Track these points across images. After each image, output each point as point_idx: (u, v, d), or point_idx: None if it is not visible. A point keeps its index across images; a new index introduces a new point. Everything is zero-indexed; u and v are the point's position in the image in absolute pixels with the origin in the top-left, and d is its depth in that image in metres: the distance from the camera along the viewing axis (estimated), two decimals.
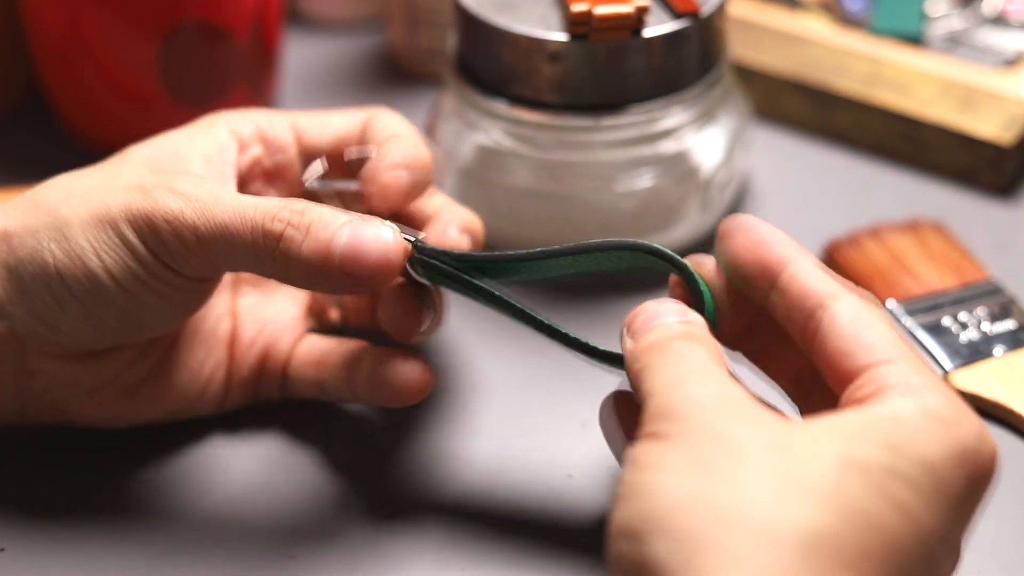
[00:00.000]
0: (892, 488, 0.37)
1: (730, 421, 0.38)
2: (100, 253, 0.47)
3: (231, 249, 0.47)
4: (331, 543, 0.49)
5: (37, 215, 0.48)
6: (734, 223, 0.45)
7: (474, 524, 0.50)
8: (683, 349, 0.41)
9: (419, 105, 0.72)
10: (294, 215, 0.47)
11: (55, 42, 0.66)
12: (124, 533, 0.49)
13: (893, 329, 0.41)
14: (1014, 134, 0.65)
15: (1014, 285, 0.59)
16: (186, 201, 0.47)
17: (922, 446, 0.38)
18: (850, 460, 0.37)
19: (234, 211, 0.47)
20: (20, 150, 0.70)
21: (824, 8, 0.74)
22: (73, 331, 0.48)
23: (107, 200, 0.48)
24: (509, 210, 0.61)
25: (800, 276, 0.43)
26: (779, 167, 0.68)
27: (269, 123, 0.53)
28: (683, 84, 0.59)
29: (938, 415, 0.38)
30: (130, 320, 0.48)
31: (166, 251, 0.47)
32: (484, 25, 0.58)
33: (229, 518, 0.50)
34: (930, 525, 0.37)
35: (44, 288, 0.47)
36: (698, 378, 0.40)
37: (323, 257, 0.46)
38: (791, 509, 0.36)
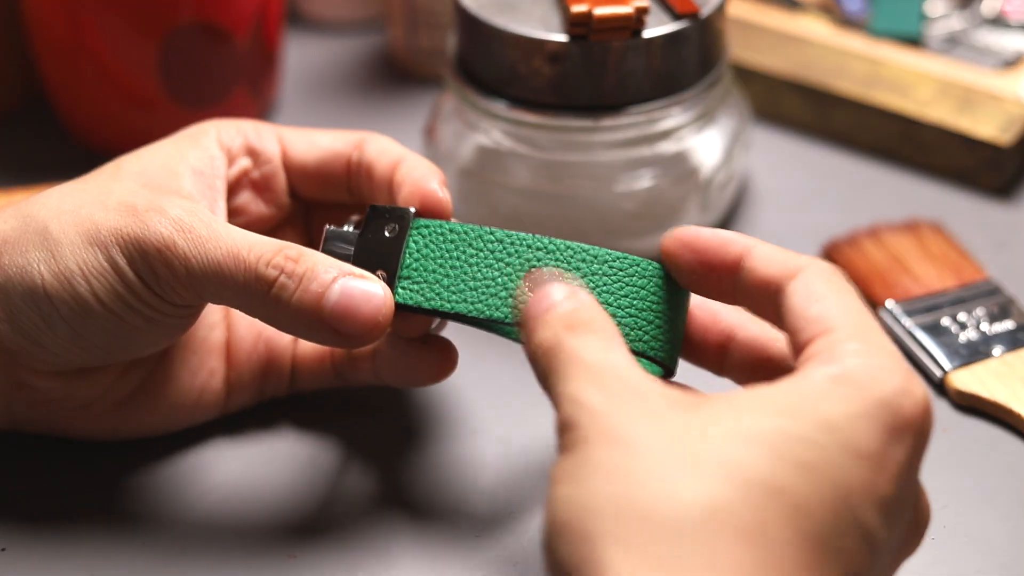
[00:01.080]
0: (790, 451, 0.37)
1: (622, 418, 0.38)
2: (89, 277, 0.46)
3: (221, 287, 0.47)
4: (331, 543, 0.49)
5: (26, 232, 0.47)
6: (672, 240, 0.45)
7: (474, 524, 0.50)
8: (574, 346, 0.40)
9: (419, 105, 0.72)
10: (288, 262, 0.46)
11: (55, 42, 0.66)
12: (124, 533, 0.49)
13: (845, 297, 0.41)
14: (1013, 135, 0.66)
15: (1013, 285, 0.60)
16: (178, 231, 0.46)
17: (823, 408, 0.38)
18: (744, 431, 0.37)
19: (228, 250, 0.46)
20: (20, 150, 0.70)
21: (823, 9, 0.74)
22: (60, 350, 0.48)
23: (97, 220, 0.47)
24: (509, 210, 0.61)
25: (756, 267, 0.43)
26: (778, 167, 0.68)
27: (257, 135, 0.53)
28: (683, 85, 0.59)
29: (848, 377, 0.38)
30: (118, 342, 0.48)
31: (155, 279, 0.47)
32: (484, 26, 0.58)
33: (229, 518, 0.50)
34: (840, 482, 0.37)
35: (32, 307, 0.47)
36: (589, 379, 0.39)
37: (314, 310, 0.46)
38: (683, 490, 0.36)
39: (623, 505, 0.36)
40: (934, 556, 0.48)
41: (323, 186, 0.53)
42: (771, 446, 0.37)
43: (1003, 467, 0.52)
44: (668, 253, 0.45)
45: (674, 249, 0.45)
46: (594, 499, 0.36)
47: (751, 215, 0.65)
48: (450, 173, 0.62)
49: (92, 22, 0.64)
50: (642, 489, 0.36)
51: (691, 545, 0.35)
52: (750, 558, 0.35)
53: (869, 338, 0.40)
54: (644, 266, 0.46)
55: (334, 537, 0.49)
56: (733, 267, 0.44)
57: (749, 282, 0.43)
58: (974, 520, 0.50)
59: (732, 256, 0.44)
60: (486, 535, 0.49)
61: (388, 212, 0.49)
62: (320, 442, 0.53)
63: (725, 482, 0.36)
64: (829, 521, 0.36)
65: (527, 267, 0.47)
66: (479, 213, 0.62)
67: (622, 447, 0.37)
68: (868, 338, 0.40)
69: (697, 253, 0.45)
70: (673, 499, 0.36)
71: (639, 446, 0.37)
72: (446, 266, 0.48)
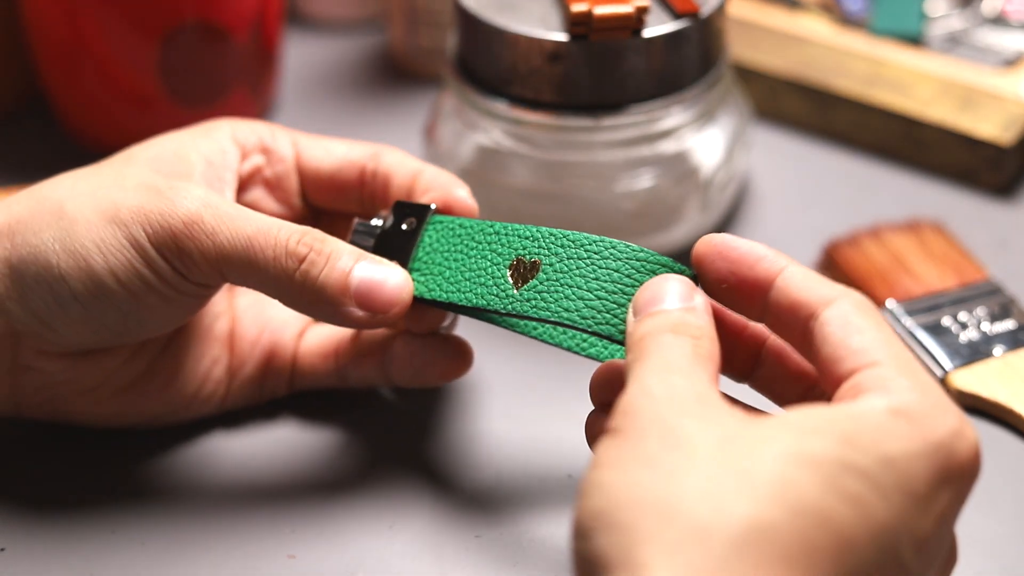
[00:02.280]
0: (845, 482, 0.36)
1: (680, 415, 0.38)
2: (106, 255, 0.47)
3: (249, 264, 0.47)
4: (331, 543, 0.49)
5: (41, 212, 0.48)
6: (707, 247, 0.44)
7: (474, 524, 0.50)
8: (668, 343, 0.41)
9: (419, 105, 0.72)
10: (316, 242, 0.48)
11: (55, 42, 0.66)
12: (124, 533, 0.49)
13: (884, 331, 0.41)
14: (1014, 134, 0.66)
15: (1014, 285, 0.60)
16: (206, 206, 0.47)
17: (882, 442, 0.37)
18: (800, 454, 0.37)
19: (258, 227, 0.47)
20: (20, 150, 0.70)
21: (824, 8, 0.74)
22: (71, 331, 0.48)
23: (116, 200, 0.47)
24: (509, 210, 0.61)
25: (789, 289, 0.43)
26: (779, 167, 0.68)
27: (272, 136, 0.53)
28: (683, 84, 0.59)
29: (907, 412, 0.38)
30: (129, 322, 0.48)
31: (179, 255, 0.47)
32: (484, 25, 0.58)
33: (229, 518, 0.50)
34: (889, 519, 0.37)
35: (45, 287, 0.47)
36: (666, 373, 0.39)
37: (340, 287, 0.48)
38: (731, 502, 0.35)
39: (669, 506, 0.35)
40: None
41: (335, 194, 0.54)
42: (827, 473, 0.36)
43: (1004, 467, 0.52)
44: (701, 258, 0.45)
45: (708, 255, 0.44)
46: (637, 491, 0.36)
47: (751, 215, 0.65)
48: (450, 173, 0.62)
49: (92, 22, 0.64)
50: (690, 494, 0.36)
51: (734, 559, 0.35)
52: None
53: (917, 375, 0.40)
54: (620, 248, 0.46)
55: (334, 537, 0.49)
56: (765, 284, 0.43)
57: (779, 302, 0.43)
58: (974, 520, 0.50)
59: (766, 273, 0.43)
60: (486, 535, 0.49)
61: (410, 208, 0.51)
62: (320, 443, 0.53)
63: (776, 502, 0.36)
64: (872, 557, 0.36)
65: (513, 255, 0.48)
66: (479, 213, 0.62)
67: (676, 445, 0.37)
68: (916, 375, 0.40)
69: (731, 263, 0.44)
70: (722, 511, 0.35)
71: (694, 449, 0.37)
72: (450, 259, 0.49)
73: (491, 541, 0.49)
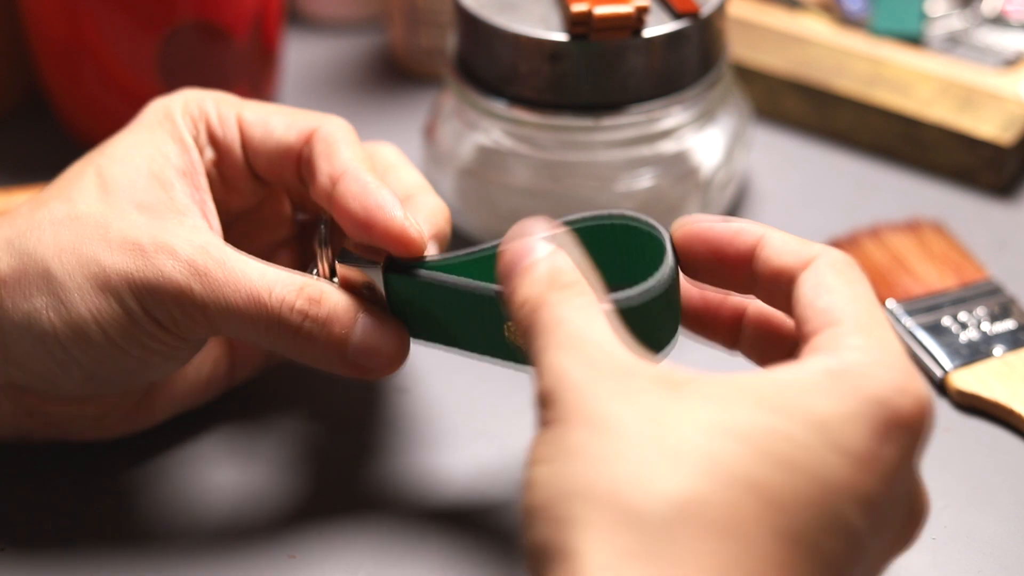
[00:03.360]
0: (774, 448, 0.36)
1: (602, 397, 0.37)
2: (103, 325, 0.46)
3: (240, 329, 0.47)
4: (331, 543, 0.49)
5: (27, 274, 0.46)
6: (683, 232, 0.44)
7: (474, 524, 0.50)
8: (557, 311, 0.40)
9: (419, 105, 0.72)
10: (312, 305, 0.46)
11: (55, 42, 0.66)
12: (124, 534, 0.49)
13: (855, 289, 0.41)
14: (1014, 134, 0.65)
15: (1014, 285, 0.60)
16: (193, 275, 0.46)
17: (812, 405, 0.37)
18: (725, 425, 0.36)
19: (247, 294, 0.46)
20: (20, 150, 0.70)
21: (824, 8, 0.74)
22: (74, 387, 0.47)
23: (103, 263, 0.46)
24: (509, 210, 0.61)
25: (770, 257, 0.42)
26: (779, 167, 0.68)
27: (219, 119, 0.51)
28: (683, 84, 0.59)
29: (844, 372, 0.38)
30: (134, 375, 0.48)
31: (172, 322, 0.46)
32: (484, 25, 0.58)
33: (229, 518, 0.50)
34: (824, 481, 0.36)
35: (44, 353, 0.46)
36: (572, 349, 0.39)
37: (338, 352, 0.47)
38: (660, 481, 0.35)
39: (599, 491, 0.36)
40: (934, 556, 0.48)
41: (278, 175, 0.51)
42: (754, 442, 0.36)
43: (1004, 467, 0.52)
44: (679, 245, 0.44)
45: (685, 241, 0.44)
46: (570, 482, 0.36)
47: (751, 215, 0.65)
48: (450, 173, 0.62)
49: (92, 21, 0.64)
50: (619, 476, 0.36)
51: (666, 537, 0.35)
52: (725, 553, 0.35)
53: (873, 332, 0.39)
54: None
55: (334, 537, 0.49)
56: (747, 257, 0.43)
57: (763, 272, 0.43)
58: (974, 520, 0.50)
59: (746, 246, 0.43)
60: (486, 536, 0.49)
61: (357, 260, 0.48)
62: (320, 443, 0.53)
63: (704, 475, 0.36)
64: (810, 519, 0.36)
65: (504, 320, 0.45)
66: (479, 213, 0.62)
67: (602, 430, 0.37)
68: (872, 333, 0.39)
69: (709, 244, 0.44)
70: (650, 489, 0.35)
71: (619, 431, 0.37)
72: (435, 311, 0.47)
73: (491, 541, 0.49)
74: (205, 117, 0.51)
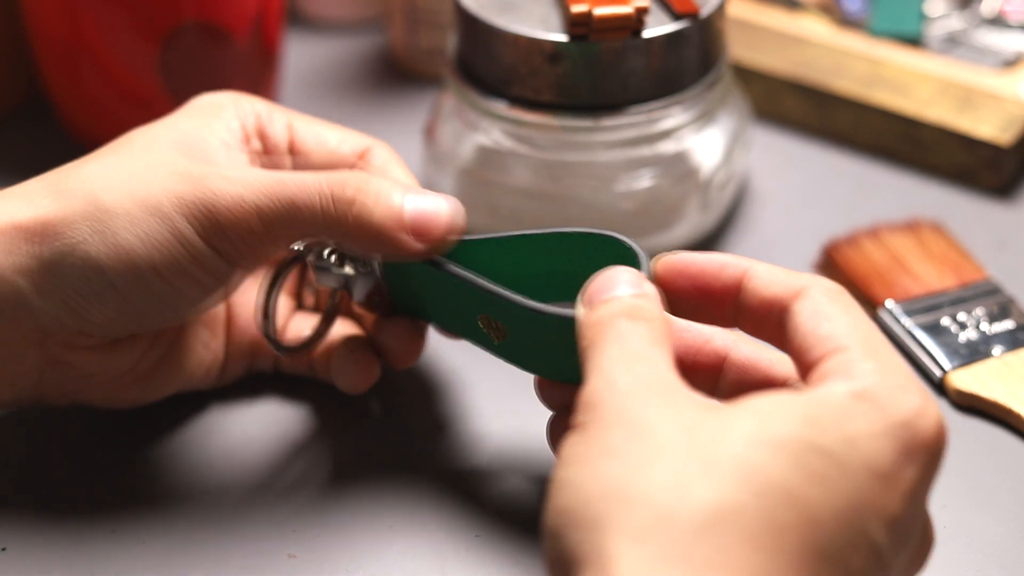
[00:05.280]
0: (809, 461, 0.36)
1: (644, 405, 0.38)
2: (150, 249, 0.47)
3: (299, 221, 0.47)
4: (331, 543, 0.49)
5: (72, 204, 0.47)
6: (665, 268, 0.45)
7: (474, 524, 0.50)
8: (624, 329, 0.40)
9: (419, 105, 0.72)
10: (361, 182, 0.48)
11: (56, 42, 0.66)
12: (124, 533, 0.49)
13: (853, 316, 0.41)
14: (1013, 134, 0.66)
15: (1013, 285, 0.60)
16: (244, 185, 0.47)
17: (844, 423, 0.38)
18: (763, 436, 0.37)
19: (297, 184, 0.47)
20: (20, 150, 0.70)
21: (823, 9, 0.74)
22: (105, 321, 0.48)
23: (152, 189, 0.47)
24: (509, 210, 0.61)
25: (758, 288, 0.43)
26: (778, 167, 0.68)
27: (269, 118, 0.53)
28: (683, 85, 0.59)
29: (868, 394, 0.38)
30: (164, 309, 0.48)
31: (224, 239, 0.47)
32: (484, 25, 0.58)
33: (229, 517, 0.50)
34: (854, 497, 0.37)
35: (82, 280, 0.47)
36: (626, 363, 0.39)
37: (396, 223, 0.48)
38: (695, 487, 0.36)
39: (635, 496, 0.36)
40: (934, 556, 0.48)
41: None
42: (792, 454, 0.36)
43: (1003, 467, 0.52)
44: (661, 281, 0.45)
45: (668, 278, 0.45)
46: (602, 483, 0.36)
47: (751, 215, 0.65)
48: (450, 173, 0.62)
49: (92, 22, 0.64)
50: (656, 483, 0.36)
51: (700, 543, 0.35)
52: (758, 563, 0.35)
53: (882, 358, 0.40)
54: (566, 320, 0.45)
55: (334, 537, 0.49)
56: (733, 290, 0.43)
57: (751, 304, 0.43)
58: (974, 520, 0.50)
59: (732, 279, 0.44)
60: (486, 535, 0.49)
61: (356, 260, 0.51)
62: (320, 443, 0.53)
63: (740, 484, 0.36)
64: (840, 535, 0.36)
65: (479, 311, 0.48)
66: (479, 213, 0.62)
67: (639, 434, 0.37)
68: (881, 358, 0.40)
69: (693, 280, 0.44)
70: (686, 495, 0.35)
71: (657, 435, 0.37)
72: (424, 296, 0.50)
73: (491, 541, 0.49)
74: (256, 113, 0.53)
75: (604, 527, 0.35)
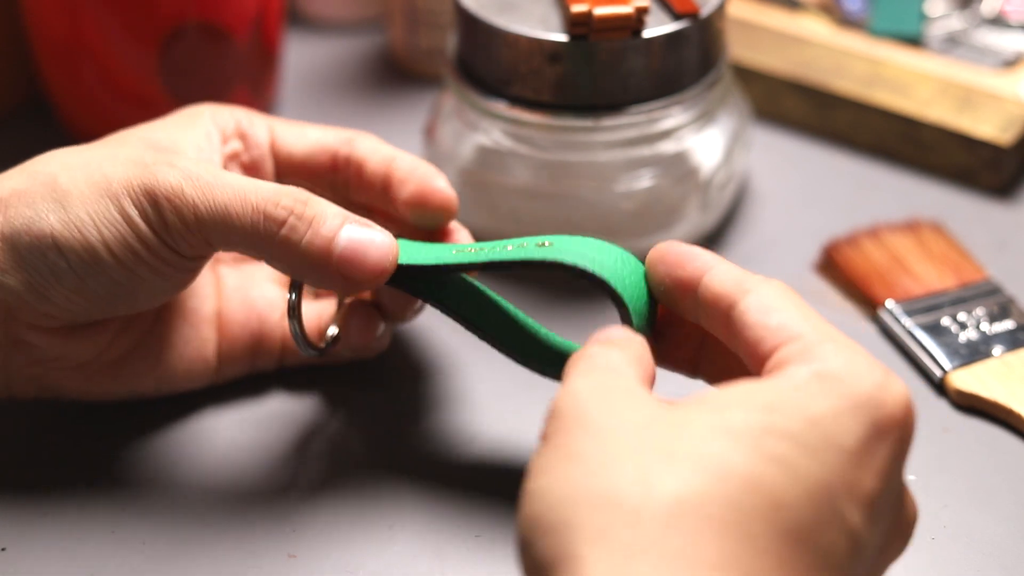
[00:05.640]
0: (770, 445, 0.37)
1: (603, 409, 0.38)
2: (100, 227, 0.47)
3: (229, 230, 0.47)
4: (331, 543, 0.49)
5: (33, 183, 0.48)
6: (653, 251, 0.46)
7: (474, 524, 0.50)
8: (595, 351, 0.42)
9: (419, 105, 0.72)
10: (297, 204, 0.47)
11: (56, 42, 0.66)
12: (124, 534, 0.49)
13: (803, 309, 0.41)
14: (1013, 134, 0.66)
15: (1013, 285, 0.60)
16: (186, 178, 0.47)
17: (805, 403, 0.38)
18: (723, 425, 0.37)
19: (235, 192, 0.47)
20: (20, 150, 0.70)
21: (823, 9, 0.74)
22: (65, 302, 0.48)
23: (107, 173, 0.48)
24: (509, 210, 0.61)
25: (712, 283, 0.43)
26: (778, 167, 0.68)
27: (249, 121, 0.54)
28: (683, 84, 0.59)
29: (828, 374, 0.39)
30: (123, 293, 0.48)
31: (165, 228, 0.47)
32: (484, 25, 0.58)
33: (230, 517, 0.50)
34: (821, 477, 0.37)
35: (40, 258, 0.47)
36: (589, 374, 0.40)
37: (323, 254, 0.47)
38: (658, 480, 0.36)
39: (599, 496, 0.36)
40: (934, 556, 0.48)
41: (308, 178, 0.54)
42: (752, 440, 0.37)
43: (1003, 467, 0.52)
44: (647, 264, 0.46)
45: (651, 260, 0.46)
46: (567, 488, 0.36)
47: (751, 215, 0.65)
48: (450, 173, 0.62)
49: (92, 22, 0.64)
50: (615, 478, 0.36)
51: (666, 533, 0.35)
52: (726, 550, 0.35)
53: (840, 342, 0.40)
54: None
55: (334, 537, 0.49)
56: (694, 283, 0.44)
57: (705, 297, 0.44)
58: (974, 520, 0.50)
59: (694, 272, 0.44)
60: (486, 535, 0.49)
61: None
62: (320, 443, 0.53)
63: (702, 473, 0.36)
64: (809, 516, 0.36)
65: None
66: (479, 213, 0.62)
67: (599, 436, 0.37)
68: (839, 342, 0.40)
69: (667, 266, 0.45)
70: (647, 488, 0.36)
71: (617, 436, 0.37)
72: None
73: (491, 541, 0.49)
74: (236, 117, 0.53)
75: (571, 530, 0.36)
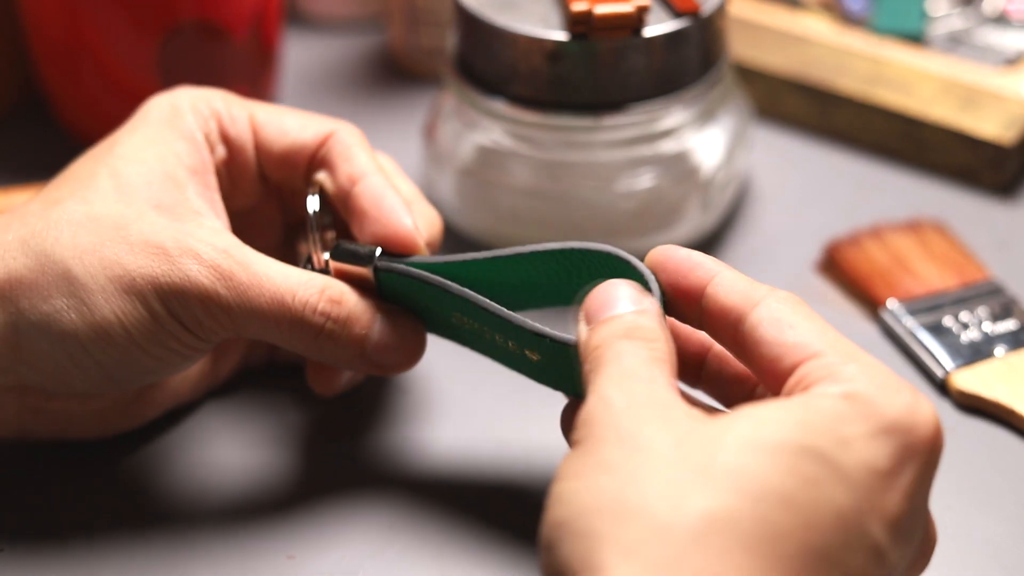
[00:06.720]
0: (804, 465, 0.36)
1: (638, 421, 0.38)
2: (128, 326, 0.46)
3: (264, 332, 0.48)
4: (331, 543, 0.49)
5: (45, 275, 0.46)
6: (651, 258, 0.45)
7: (474, 525, 0.50)
8: (623, 350, 0.40)
9: (419, 105, 0.72)
10: (333, 307, 0.48)
11: (55, 41, 0.66)
12: (123, 534, 0.49)
13: (816, 322, 0.41)
14: (1015, 134, 0.65)
15: (1015, 285, 0.59)
16: (219, 279, 0.46)
17: (837, 425, 0.38)
18: (756, 443, 0.37)
19: (271, 297, 0.47)
20: (18, 149, 0.70)
21: (825, 8, 0.74)
22: (85, 386, 0.48)
23: (127, 265, 0.46)
24: (509, 210, 0.61)
25: (718, 294, 0.43)
26: (779, 167, 0.68)
27: (230, 118, 0.51)
28: (683, 84, 0.59)
29: (859, 396, 0.38)
30: (147, 372, 0.48)
31: (198, 325, 0.47)
32: (484, 25, 0.58)
33: (228, 518, 0.50)
34: (852, 499, 0.37)
35: (62, 352, 0.46)
36: (622, 382, 0.39)
37: (358, 351, 0.48)
38: (690, 496, 0.36)
39: (629, 508, 0.36)
40: (934, 556, 0.48)
41: (286, 174, 0.52)
42: (786, 458, 0.36)
43: (1005, 468, 0.52)
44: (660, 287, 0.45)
45: (652, 267, 0.45)
46: (597, 497, 0.36)
47: (752, 215, 0.65)
48: (450, 173, 0.62)
49: (91, 21, 0.64)
50: (647, 491, 0.36)
51: (696, 552, 0.35)
52: (755, 568, 0.35)
53: (862, 360, 0.40)
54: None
55: (334, 537, 0.49)
56: (698, 292, 0.43)
57: (710, 308, 0.43)
58: (975, 520, 0.50)
59: (698, 280, 0.43)
60: (486, 535, 0.49)
61: (351, 254, 0.50)
62: (320, 443, 0.53)
63: (734, 491, 0.36)
64: (839, 537, 0.36)
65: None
66: (479, 213, 0.62)
67: (632, 447, 0.37)
68: (861, 360, 0.40)
69: (669, 273, 0.44)
70: (679, 504, 0.35)
71: (649, 448, 0.37)
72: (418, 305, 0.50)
73: (491, 541, 0.49)
74: (216, 115, 0.51)
75: (598, 540, 0.35)
